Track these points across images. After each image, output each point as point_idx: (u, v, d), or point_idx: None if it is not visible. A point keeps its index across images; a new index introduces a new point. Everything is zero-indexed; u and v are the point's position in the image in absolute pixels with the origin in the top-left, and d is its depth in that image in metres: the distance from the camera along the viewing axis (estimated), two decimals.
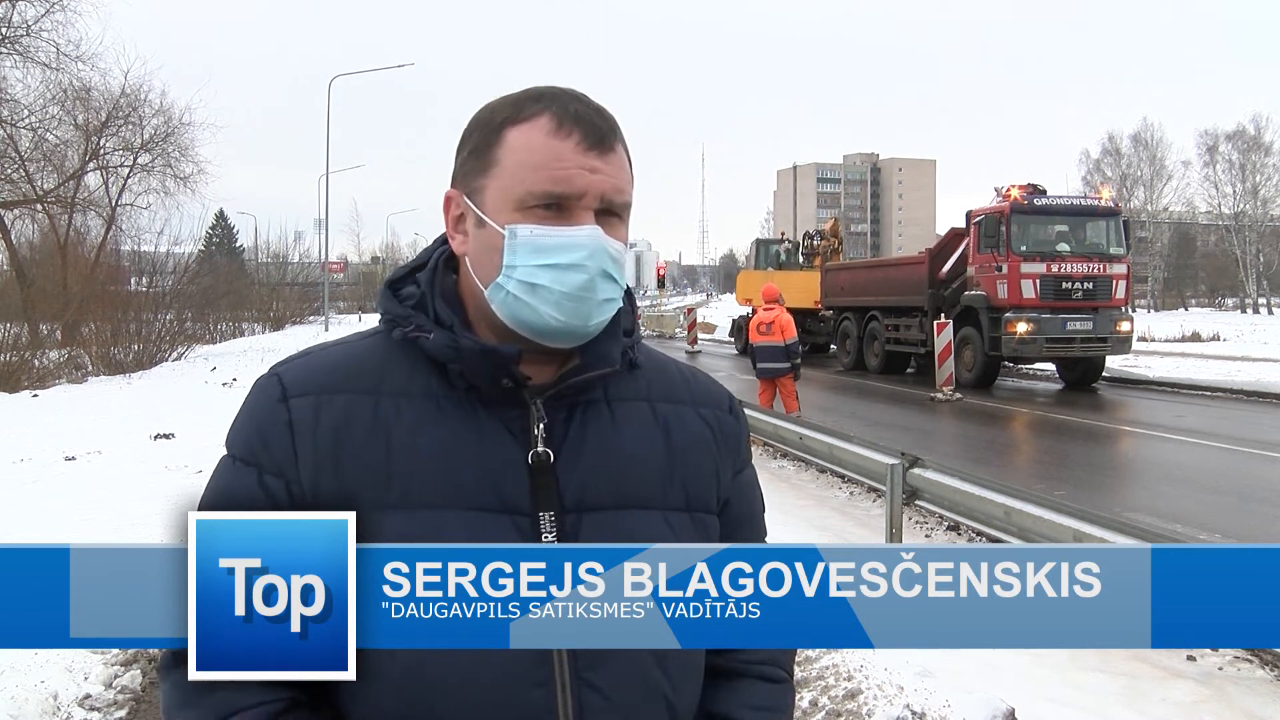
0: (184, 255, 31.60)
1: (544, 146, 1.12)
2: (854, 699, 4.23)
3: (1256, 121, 67.02)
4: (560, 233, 1.12)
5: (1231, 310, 69.73)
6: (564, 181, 1.12)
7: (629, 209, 1.18)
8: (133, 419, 12.74)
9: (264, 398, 1.17)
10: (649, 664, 1.15)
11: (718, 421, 1.28)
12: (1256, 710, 4.36)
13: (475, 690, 1.09)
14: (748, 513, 1.30)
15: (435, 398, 1.15)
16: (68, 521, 7.02)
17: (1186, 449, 11.66)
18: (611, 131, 1.16)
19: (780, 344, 11.55)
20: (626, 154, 1.18)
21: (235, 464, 1.17)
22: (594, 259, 1.12)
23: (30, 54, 24.26)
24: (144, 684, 4.52)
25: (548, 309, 1.12)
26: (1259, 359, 25.14)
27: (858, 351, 23.10)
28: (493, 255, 1.14)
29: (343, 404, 1.14)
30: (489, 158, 1.15)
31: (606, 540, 1.13)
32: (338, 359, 1.19)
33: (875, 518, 7.80)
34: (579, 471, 1.16)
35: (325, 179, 41.63)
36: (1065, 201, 19.24)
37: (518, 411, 1.16)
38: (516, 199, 1.13)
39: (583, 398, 1.19)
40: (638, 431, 1.21)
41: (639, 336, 1.28)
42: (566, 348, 1.17)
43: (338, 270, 75.34)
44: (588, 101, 1.17)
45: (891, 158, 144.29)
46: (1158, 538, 5.30)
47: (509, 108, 1.16)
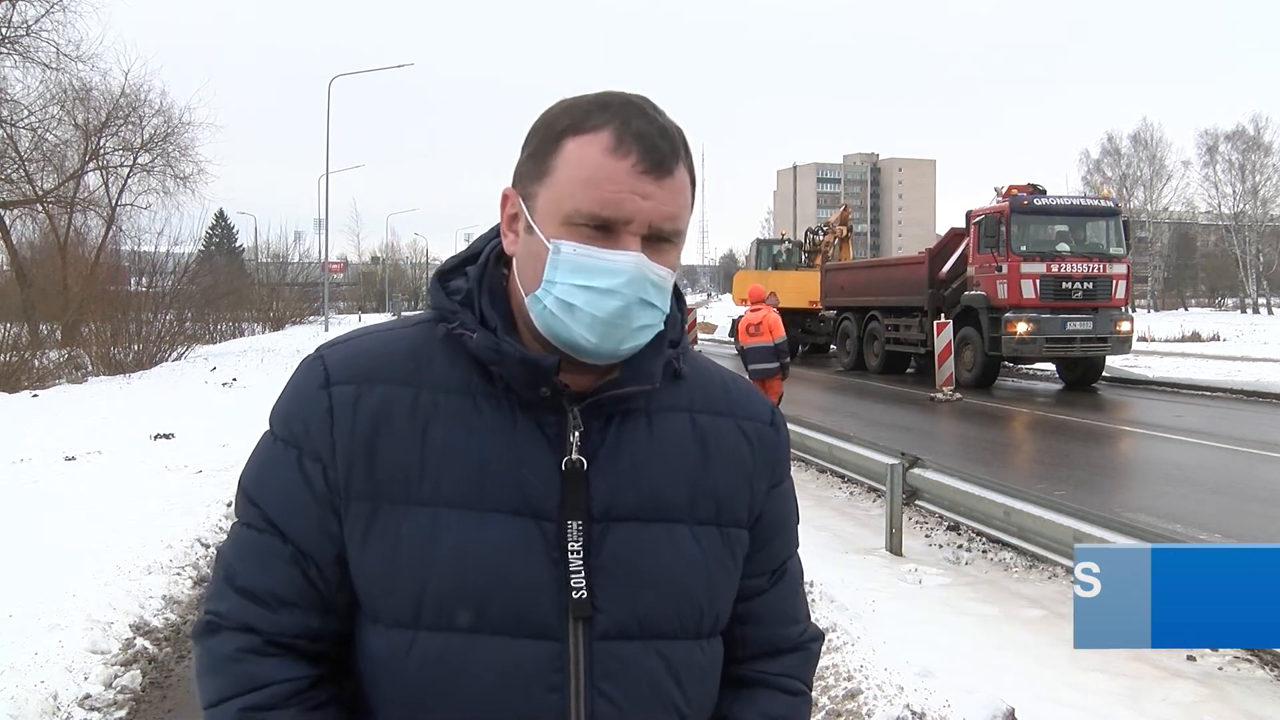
0: (184, 255, 31.57)
1: (599, 165, 1.09)
2: (854, 699, 4.22)
3: (1256, 121, 67.11)
4: (602, 255, 1.10)
5: (1231, 310, 69.74)
6: (613, 205, 1.09)
7: (682, 235, 1.15)
8: (133, 419, 12.73)
9: (308, 381, 1.17)
10: (662, 675, 1.15)
11: (757, 435, 1.27)
12: (1256, 710, 4.36)
13: (491, 686, 1.10)
14: (780, 525, 1.29)
15: (474, 395, 1.15)
16: (68, 521, 7.01)
17: (1186, 449, 11.66)
18: (673, 154, 1.11)
19: (770, 344, 11.52)
20: (689, 175, 1.15)
21: (277, 442, 1.18)
22: (631, 287, 1.10)
23: (30, 54, 24.23)
24: (144, 684, 4.53)
25: (581, 330, 1.11)
26: (1259, 359, 25.15)
27: (858, 351, 23.13)
28: (536, 265, 1.13)
29: (382, 394, 1.14)
30: (545, 165, 1.13)
31: (630, 551, 1.14)
32: (382, 347, 1.19)
33: (875, 518, 7.80)
34: (610, 481, 1.15)
35: (325, 179, 41.73)
36: (1065, 201, 19.27)
37: (554, 417, 1.15)
38: (565, 214, 1.10)
39: (621, 407, 1.18)
40: (674, 444, 1.20)
41: (686, 344, 1.26)
42: (601, 365, 1.16)
43: (338, 270, 75.37)
44: (654, 118, 1.12)
45: (891, 158, 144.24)
46: (1158, 538, 5.30)
47: (572, 115, 1.13)
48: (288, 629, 1.14)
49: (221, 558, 1.18)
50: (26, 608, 5.07)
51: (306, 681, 1.13)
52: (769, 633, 1.28)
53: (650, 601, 1.15)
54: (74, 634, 4.73)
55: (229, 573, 1.16)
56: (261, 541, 1.15)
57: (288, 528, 1.14)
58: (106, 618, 4.99)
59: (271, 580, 1.14)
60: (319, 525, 1.14)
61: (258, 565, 1.15)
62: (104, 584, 5.52)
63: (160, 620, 5.28)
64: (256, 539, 1.16)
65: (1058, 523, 5.85)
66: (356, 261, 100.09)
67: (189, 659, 4.93)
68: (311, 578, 1.14)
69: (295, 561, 1.14)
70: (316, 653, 1.16)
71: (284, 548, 1.14)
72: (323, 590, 1.15)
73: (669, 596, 1.16)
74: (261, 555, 1.15)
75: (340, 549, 1.14)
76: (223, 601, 1.15)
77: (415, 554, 1.10)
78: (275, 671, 1.12)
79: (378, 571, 1.12)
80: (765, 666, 1.27)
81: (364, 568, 1.13)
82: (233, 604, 1.14)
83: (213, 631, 1.15)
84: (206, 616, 1.16)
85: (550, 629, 1.11)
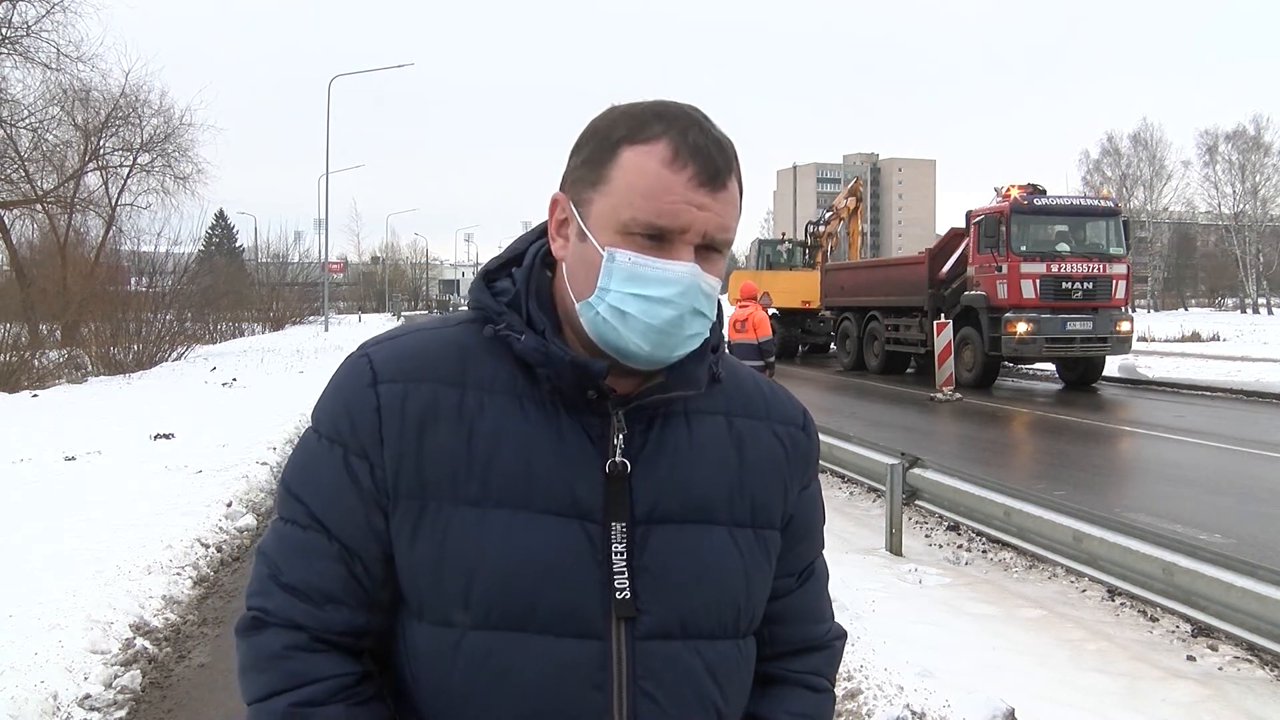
0: (184, 255, 31.55)
1: (657, 176, 1.11)
2: (854, 699, 4.22)
3: (1256, 121, 67.22)
4: (658, 265, 1.11)
5: (1231, 310, 69.76)
6: (670, 216, 1.11)
7: (730, 244, 1.17)
8: (133, 419, 12.73)
9: (354, 379, 1.17)
10: (702, 675, 1.17)
11: (791, 439, 1.29)
12: (1256, 710, 4.36)
13: (535, 685, 1.12)
14: (809, 527, 1.32)
15: (519, 397, 1.16)
16: (68, 521, 7.01)
17: (1186, 449, 11.66)
18: (727, 166, 1.14)
19: (754, 342, 11.45)
20: (740, 186, 1.17)
21: (322, 440, 1.18)
22: (685, 296, 1.12)
23: (30, 54, 24.18)
24: (144, 684, 4.52)
25: (634, 337, 1.13)
26: (1259, 359, 25.14)
27: (858, 351, 23.13)
28: (589, 271, 1.14)
29: (429, 393, 1.15)
30: (601, 173, 1.14)
31: (672, 553, 1.16)
32: (428, 346, 1.19)
33: (875, 518, 7.80)
34: (653, 483, 1.17)
35: (325, 179, 41.77)
36: (1065, 201, 19.23)
37: (598, 420, 1.17)
38: (621, 223, 1.12)
39: (663, 410, 1.20)
40: (713, 446, 1.22)
41: (724, 350, 1.29)
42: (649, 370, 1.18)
43: (338, 270, 75.38)
44: (709, 130, 1.14)
45: (891, 158, 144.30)
46: (1158, 538, 5.30)
47: (628, 124, 1.14)
48: (334, 625, 1.15)
49: (263, 554, 1.19)
50: (26, 608, 5.07)
51: (353, 678, 1.15)
52: (797, 631, 1.31)
53: (692, 602, 1.16)
54: (74, 634, 4.73)
55: (273, 569, 1.16)
56: (306, 538, 1.16)
57: (333, 524, 1.15)
58: (106, 618, 4.99)
59: (317, 577, 1.15)
60: (365, 522, 1.14)
61: (303, 562, 1.15)
62: (104, 584, 5.52)
63: (160, 620, 5.28)
64: (301, 536, 1.16)
65: (1058, 523, 5.85)
66: (356, 261, 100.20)
67: (189, 659, 4.93)
68: (357, 575, 1.15)
69: (341, 558, 1.15)
70: (360, 649, 1.17)
71: (330, 545, 1.15)
72: (368, 587, 1.16)
73: (709, 597, 1.18)
74: (306, 552, 1.16)
75: (386, 546, 1.15)
76: (269, 598, 1.16)
77: (463, 552, 1.11)
78: (323, 667, 1.13)
79: (426, 569, 1.13)
80: (792, 665, 1.30)
81: (412, 565, 1.14)
82: (279, 600, 1.15)
83: (259, 628, 1.15)
84: (251, 613, 1.16)
85: (595, 629, 1.12)
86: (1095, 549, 5.50)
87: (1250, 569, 4.60)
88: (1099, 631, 5.37)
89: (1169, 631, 5.35)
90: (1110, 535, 5.44)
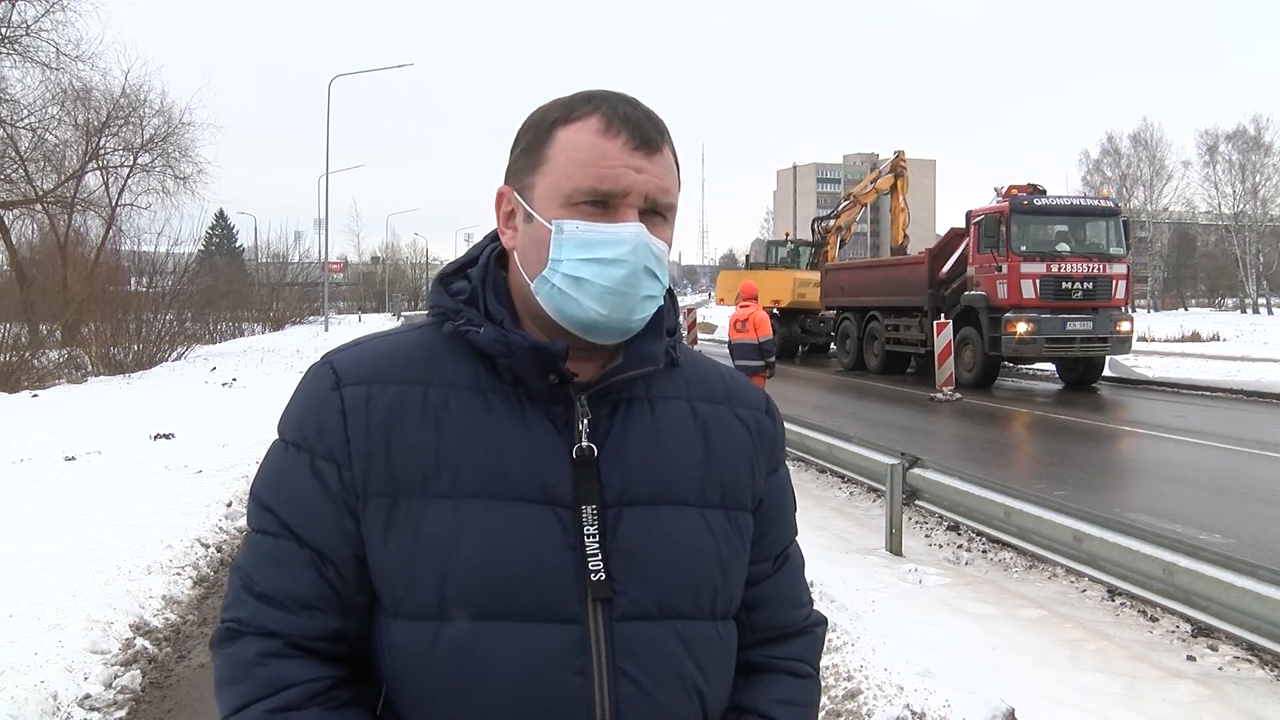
0: (184, 255, 31.55)
1: (592, 145, 1.15)
2: (854, 699, 4.22)
3: (1256, 121, 67.22)
4: (605, 229, 1.15)
5: (1231, 310, 69.77)
6: (610, 179, 1.14)
7: (674, 210, 1.20)
8: (133, 419, 12.73)
9: (317, 385, 1.19)
10: (681, 655, 1.18)
11: (755, 422, 1.31)
12: (1256, 710, 4.36)
13: (516, 673, 1.12)
14: (780, 510, 1.33)
15: (483, 391, 1.18)
16: (68, 521, 7.01)
17: (1186, 449, 11.66)
18: (659, 134, 1.18)
19: (754, 341, 11.46)
20: (674, 158, 1.21)
21: (288, 448, 1.19)
22: (636, 255, 1.15)
23: (30, 54, 24.18)
24: (144, 684, 4.52)
25: (591, 302, 1.15)
26: (1259, 359, 25.15)
27: (858, 351, 23.13)
28: (540, 249, 1.17)
29: (394, 393, 1.17)
30: (539, 155, 1.18)
31: (644, 534, 1.17)
32: (388, 349, 1.22)
33: (875, 518, 7.80)
34: (620, 466, 1.18)
35: (325, 179, 41.77)
36: (1065, 201, 19.23)
37: (562, 407, 1.19)
38: (564, 195, 1.15)
39: (625, 394, 1.22)
40: (677, 429, 1.24)
41: (680, 335, 1.31)
42: (610, 344, 1.20)
43: (338, 270, 75.26)
44: (638, 105, 1.19)
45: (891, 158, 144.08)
46: (1158, 538, 5.30)
47: (560, 108, 1.19)
48: (308, 631, 1.15)
49: (237, 568, 1.19)
50: (26, 608, 5.07)
51: (328, 682, 1.14)
52: (776, 617, 1.32)
53: (667, 581, 1.17)
54: (74, 634, 4.73)
55: (246, 580, 1.17)
56: (278, 546, 1.16)
57: (304, 530, 1.15)
58: (106, 618, 4.99)
59: (290, 584, 1.15)
60: (336, 526, 1.15)
61: (275, 570, 1.16)
62: (104, 584, 5.52)
63: (160, 620, 5.28)
64: (273, 544, 1.16)
65: (1058, 523, 5.85)
66: (356, 261, 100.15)
67: (189, 659, 4.93)
68: (330, 579, 1.15)
69: (313, 564, 1.15)
70: (337, 654, 1.17)
71: (301, 551, 1.15)
72: (341, 591, 1.16)
73: (684, 576, 1.19)
74: (278, 560, 1.16)
75: (358, 548, 1.15)
76: (242, 609, 1.16)
77: (438, 545, 1.12)
78: (298, 673, 1.13)
79: (400, 564, 1.13)
80: (774, 651, 1.31)
81: (385, 562, 1.14)
82: (252, 609, 1.15)
83: (233, 638, 1.15)
84: (225, 624, 1.17)
85: (572, 612, 1.13)
86: (1095, 549, 5.50)
87: (1250, 569, 4.60)
88: (1099, 631, 5.38)
89: (1169, 631, 5.36)
90: (1110, 535, 5.44)
